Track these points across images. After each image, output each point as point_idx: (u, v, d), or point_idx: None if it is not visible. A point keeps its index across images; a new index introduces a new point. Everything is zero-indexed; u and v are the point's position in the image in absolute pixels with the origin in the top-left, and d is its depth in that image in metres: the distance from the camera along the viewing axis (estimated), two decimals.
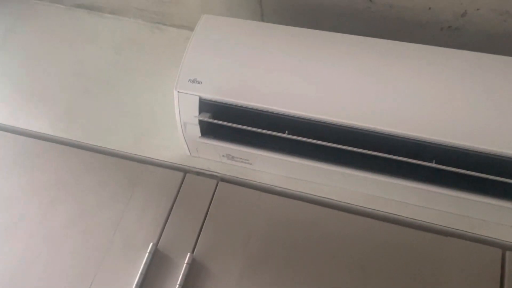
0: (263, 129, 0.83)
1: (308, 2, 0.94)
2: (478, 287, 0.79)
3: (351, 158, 0.82)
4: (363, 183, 0.87)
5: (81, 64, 1.15)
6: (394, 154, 0.77)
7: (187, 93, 0.84)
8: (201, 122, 0.86)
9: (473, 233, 0.85)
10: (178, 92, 0.84)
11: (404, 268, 0.82)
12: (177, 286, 0.82)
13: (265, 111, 0.82)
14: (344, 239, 0.85)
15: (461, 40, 0.90)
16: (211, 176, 0.96)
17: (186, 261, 0.84)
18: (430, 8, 0.86)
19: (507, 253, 0.81)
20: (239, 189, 0.93)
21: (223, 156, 0.95)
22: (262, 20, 1.03)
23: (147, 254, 0.86)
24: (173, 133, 0.96)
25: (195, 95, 0.83)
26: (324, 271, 0.83)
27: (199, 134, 0.88)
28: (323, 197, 0.92)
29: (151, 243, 0.87)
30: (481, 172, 0.74)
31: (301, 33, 0.86)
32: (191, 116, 0.85)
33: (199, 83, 0.83)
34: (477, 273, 0.80)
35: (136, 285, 0.83)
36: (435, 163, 0.76)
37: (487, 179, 0.74)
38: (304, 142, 0.81)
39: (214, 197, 0.92)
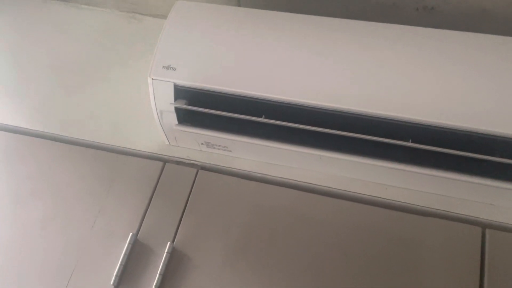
0: (240, 114, 0.82)
1: None
2: (459, 266, 0.79)
3: (329, 141, 0.81)
4: (342, 166, 0.87)
5: (57, 56, 1.13)
6: (371, 135, 0.77)
7: (161, 80, 0.82)
8: (177, 110, 0.85)
9: (452, 212, 0.85)
10: (153, 79, 0.83)
11: (385, 249, 0.82)
12: (158, 275, 0.81)
13: (242, 96, 0.81)
14: (325, 223, 0.85)
15: (437, 20, 0.90)
16: (191, 165, 0.95)
17: (166, 250, 0.84)
18: None
19: (487, 230, 0.81)
20: (219, 176, 0.93)
21: (202, 144, 0.94)
22: (239, 5, 1.02)
23: (126, 245, 0.85)
24: (151, 123, 0.95)
25: (170, 81, 0.82)
26: (306, 255, 0.83)
27: (176, 122, 0.87)
28: (303, 181, 0.92)
29: (131, 234, 0.86)
30: (458, 150, 0.74)
31: (277, 17, 0.85)
32: (167, 103, 0.84)
33: (173, 69, 0.82)
34: (457, 251, 0.80)
35: (116, 275, 0.82)
36: (412, 142, 0.76)
37: (464, 157, 0.74)
38: (282, 127, 0.81)
39: (194, 186, 0.92)
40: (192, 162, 0.96)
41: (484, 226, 0.82)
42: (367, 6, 0.91)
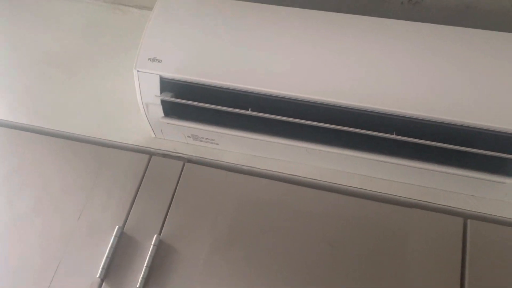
0: (227, 107, 0.82)
1: None
2: (441, 255, 0.80)
3: (315, 134, 0.82)
4: (328, 158, 0.88)
5: (42, 48, 1.12)
6: (357, 128, 0.78)
7: (147, 72, 0.82)
8: (163, 102, 0.85)
9: (435, 203, 0.87)
10: (138, 71, 0.82)
11: (370, 240, 0.83)
12: (144, 267, 0.81)
13: (228, 89, 0.81)
14: (311, 215, 0.86)
15: (422, 14, 0.91)
16: (177, 158, 0.95)
17: (153, 243, 0.84)
18: None
19: (468, 221, 0.83)
20: (206, 169, 0.93)
21: (188, 136, 0.94)
22: None
23: (112, 237, 0.85)
24: (137, 115, 0.94)
25: (156, 74, 0.82)
26: (293, 247, 0.83)
27: (162, 114, 0.87)
28: (290, 174, 0.92)
29: (117, 226, 0.86)
30: (441, 143, 0.75)
31: (264, 9, 0.85)
32: (153, 95, 0.84)
33: (159, 61, 0.82)
34: (440, 241, 0.82)
35: (102, 268, 0.82)
36: (396, 134, 0.77)
37: (447, 149, 0.75)
38: (269, 119, 0.81)
39: (180, 179, 0.91)
40: (178, 155, 0.96)
41: (466, 216, 0.84)
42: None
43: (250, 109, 0.81)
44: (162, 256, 0.84)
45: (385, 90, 0.76)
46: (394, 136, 0.76)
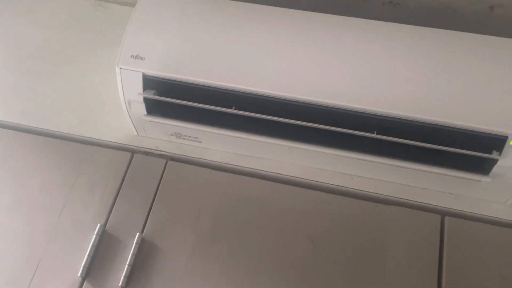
0: (210, 105, 0.82)
1: None
2: (419, 251, 0.82)
3: (298, 132, 0.83)
4: (311, 157, 0.89)
5: (21, 43, 1.10)
6: (339, 127, 0.79)
7: (129, 70, 0.82)
8: (146, 100, 0.85)
9: (414, 201, 0.88)
10: (121, 68, 0.82)
11: (351, 237, 0.84)
12: (127, 266, 0.81)
13: (211, 87, 0.81)
14: (293, 213, 0.87)
15: (402, 15, 0.92)
16: (160, 156, 0.95)
17: (135, 241, 0.83)
18: None
19: (446, 218, 0.85)
20: (189, 167, 0.93)
21: (171, 134, 0.94)
22: None
23: (94, 236, 0.84)
24: (119, 113, 0.93)
25: (138, 71, 0.81)
26: (275, 245, 0.84)
27: (145, 112, 0.87)
28: (272, 172, 0.93)
29: (99, 225, 0.85)
30: (419, 142, 0.77)
31: (248, 8, 0.86)
32: (135, 93, 0.83)
33: (142, 59, 0.82)
34: (419, 238, 0.83)
35: (84, 267, 0.81)
36: (376, 134, 0.78)
37: (425, 148, 0.77)
38: (253, 118, 0.82)
39: (163, 177, 0.91)
40: (161, 152, 0.96)
41: (444, 214, 0.86)
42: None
43: (233, 107, 0.82)
44: (145, 255, 0.84)
45: (367, 90, 0.77)
46: (374, 135, 0.78)
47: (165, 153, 0.96)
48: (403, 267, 0.81)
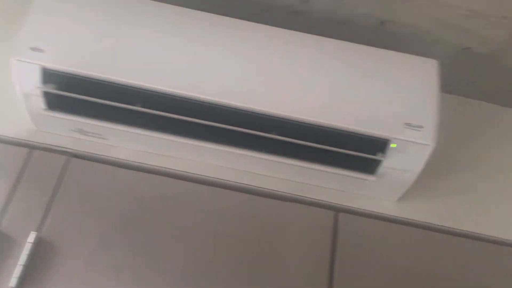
0: (114, 101, 0.81)
1: None
2: (314, 245, 0.88)
3: (203, 131, 0.85)
4: (215, 155, 0.91)
5: None
6: (242, 127, 0.82)
7: (27, 62, 0.78)
8: (45, 94, 0.82)
9: (310, 197, 0.94)
10: (17, 60, 0.78)
11: (252, 233, 0.88)
12: (18, 266, 0.78)
13: (114, 83, 0.80)
14: (198, 211, 0.88)
15: (306, 24, 0.98)
16: (61, 152, 0.91)
17: (28, 240, 0.80)
18: None
19: (339, 214, 0.92)
20: (92, 165, 0.91)
21: (74, 130, 0.91)
22: None
23: None
24: (18, 106, 0.89)
25: (37, 64, 0.78)
26: (179, 243, 0.85)
27: (44, 106, 0.83)
28: (178, 170, 0.94)
29: None
30: (315, 143, 0.83)
31: (152, 5, 0.86)
32: (33, 86, 0.80)
33: (41, 51, 0.79)
34: (313, 233, 0.90)
35: None
36: (276, 134, 0.83)
37: (320, 149, 0.83)
38: (158, 116, 0.82)
39: (64, 174, 0.88)
40: (62, 149, 0.93)
41: (338, 210, 0.93)
42: (241, 4, 0.96)
43: (139, 105, 0.82)
44: (41, 254, 0.81)
45: (269, 93, 0.82)
46: (274, 136, 0.82)
47: (67, 149, 0.93)
48: (298, 261, 0.86)
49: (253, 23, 0.87)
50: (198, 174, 0.94)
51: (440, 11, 0.90)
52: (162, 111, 0.82)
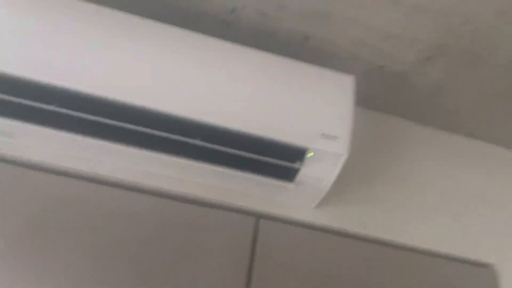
0: (25, 99, 0.77)
1: None
2: (234, 249, 0.90)
3: (122, 134, 0.84)
4: (135, 159, 0.90)
5: None
6: (164, 132, 0.82)
7: None
8: None
9: (232, 203, 0.96)
10: None
11: (173, 238, 0.88)
12: None
13: (25, 81, 0.76)
14: (116, 215, 0.87)
15: (234, 34, 1.00)
16: None
17: None
18: (204, 0, 0.94)
19: (261, 220, 0.95)
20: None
21: None
22: None
23: None
24: None
25: None
26: (96, 248, 0.83)
27: None
28: (97, 173, 0.91)
29: None
30: (239, 150, 0.85)
31: (76, 5, 0.84)
32: None
33: None
34: (234, 239, 0.92)
35: None
36: (201, 140, 0.83)
37: (244, 156, 0.85)
38: (73, 117, 0.80)
39: None
40: None
41: (258, 216, 0.96)
42: (173, 11, 0.97)
43: (55, 104, 0.79)
44: None
45: (193, 100, 0.82)
46: (198, 142, 0.83)
47: None
48: (217, 266, 0.88)
49: (182, 29, 0.88)
50: (117, 178, 0.92)
51: (358, 31, 0.96)
52: (78, 111, 0.79)
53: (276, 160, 0.86)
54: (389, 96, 1.15)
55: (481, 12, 0.88)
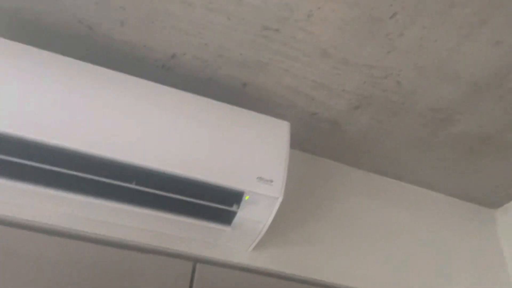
0: None
1: (25, 17, 0.91)
2: None
3: (56, 178, 0.81)
4: (69, 204, 0.87)
5: None
6: (99, 176, 0.81)
7: None
8: None
9: (169, 248, 0.95)
10: None
11: (108, 285, 0.84)
12: None
13: None
14: (50, 262, 0.82)
15: (174, 79, 1.03)
16: None
17: None
18: (145, 46, 0.96)
19: (197, 264, 0.94)
20: None
21: None
22: None
23: None
24: None
25: None
26: None
27: None
28: (28, 220, 0.87)
29: None
30: (175, 194, 0.85)
31: (19, 48, 0.83)
32: None
33: None
34: (171, 284, 0.89)
35: None
36: (136, 184, 0.83)
37: (179, 199, 0.86)
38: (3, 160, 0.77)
39: None
40: None
41: (196, 260, 0.95)
42: (112, 55, 0.98)
43: None
44: None
45: (129, 143, 0.82)
46: (133, 186, 0.82)
47: None
48: None
49: (121, 73, 0.88)
50: (48, 224, 0.88)
51: (292, 80, 1.02)
52: (8, 155, 0.77)
53: (213, 203, 0.87)
54: (322, 141, 1.21)
55: (402, 67, 0.97)
